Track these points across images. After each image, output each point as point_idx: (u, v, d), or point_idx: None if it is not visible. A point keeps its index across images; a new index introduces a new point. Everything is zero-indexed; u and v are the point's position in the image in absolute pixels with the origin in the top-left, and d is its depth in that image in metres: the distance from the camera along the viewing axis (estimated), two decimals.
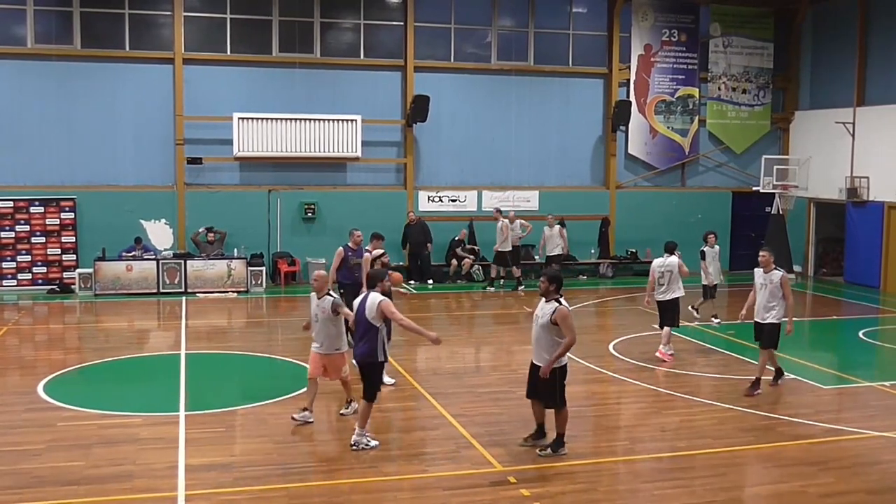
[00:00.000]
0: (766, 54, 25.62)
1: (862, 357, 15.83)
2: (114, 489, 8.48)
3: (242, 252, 21.57)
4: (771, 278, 12.31)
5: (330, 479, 8.84)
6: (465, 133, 23.68)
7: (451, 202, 23.59)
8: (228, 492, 8.47)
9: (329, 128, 22.16)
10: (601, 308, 20.12)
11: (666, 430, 10.69)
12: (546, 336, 9.36)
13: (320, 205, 22.52)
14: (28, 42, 20.99)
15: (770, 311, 12.29)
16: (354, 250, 14.45)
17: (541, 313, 9.46)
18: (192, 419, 10.74)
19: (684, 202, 25.23)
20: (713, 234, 17.70)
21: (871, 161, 23.01)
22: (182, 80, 21.59)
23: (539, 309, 9.55)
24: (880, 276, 22.68)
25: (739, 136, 25.73)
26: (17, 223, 20.85)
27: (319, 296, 10.56)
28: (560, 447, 9.55)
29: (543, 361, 9.36)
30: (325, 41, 22.78)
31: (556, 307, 9.31)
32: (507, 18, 24.14)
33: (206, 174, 21.96)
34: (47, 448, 9.62)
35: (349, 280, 14.32)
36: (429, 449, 9.86)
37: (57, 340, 16.49)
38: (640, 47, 24.64)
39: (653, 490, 8.70)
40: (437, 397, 11.84)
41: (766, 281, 12.38)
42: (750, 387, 12.21)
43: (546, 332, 9.36)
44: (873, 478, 9.11)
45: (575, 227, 24.09)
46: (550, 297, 9.43)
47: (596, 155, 24.86)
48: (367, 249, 14.32)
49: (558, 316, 9.25)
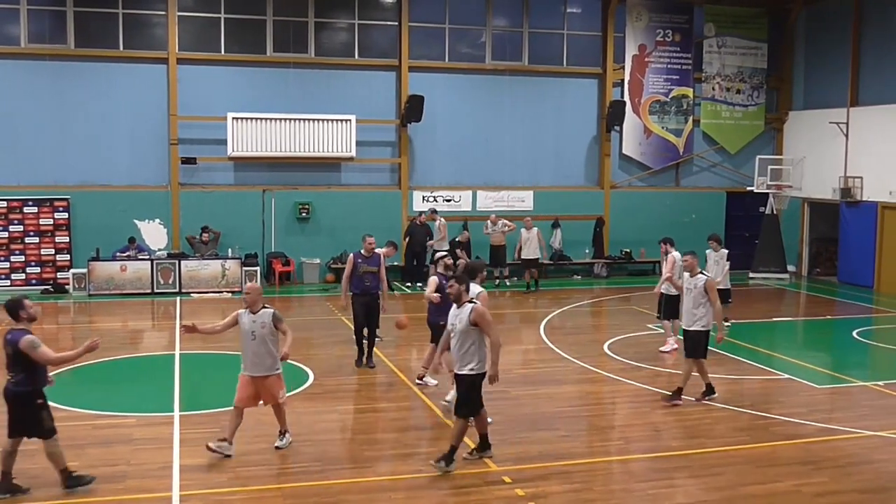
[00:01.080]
0: (759, 54, 25.68)
1: (856, 357, 15.88)
2: (108, 489, 8.47)
3: (237, 252, 21.55)
4: (696, 283, 11.64)
5: (324, 479, 8.84)
6: (459, 133, 23.68)
7: (445, 202, 23.59)
8: (222, 492, 8.46)
9: (323, 128, 22.14)
10: (595, 308, 20.14)
11: (660, 430, 10.70)
12: (469, 341, 8.91)
13: (315, 205, 22.51)
14: (21, 42, 20.93)
15: (697, 319, 11.56)
16: (367, 258, 13.31)
17: (457, 320, 8.98)
18: (187, 419, 10.73)
19: (678, 202, 25.26)
20: (712, 239, 16.89)
21: (864, 161, 23.07)
22: (176, 79, 21.55)
23: (453, 316, 9.07)
24: (874, 275, 22.73)
25: (733, 137, 25.78)
26: (10, 223, 20.80)
27: (254, 310, 9.44)
28: (451, 462, 8.97)
29: (465, 368, 8.93)
30: (320, 41, 22.75)
31: (471, 308, 8.91)
32: (502, 18, 24.14)
33: (200, 174, 21.92)
34: (41, 449, 9.57)
35: (358, 290, 13.26)
36: (424, 449, 9.85)
37: (51, 341, 16.31)
38: (635, 47, 24.67)
39: (647, 490, 8.71)
40: (432, 397, 11.83)
41: (690, 286, 11.71)
42: (671, 395, 11.64)
43: (468, 337, 8.91)
44: (867, 477, 9.14)
45: (569, 227, 24.17)
46: (463, 300, 9.02)
47: (590, 155, 24.88)
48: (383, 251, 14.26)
49: (476, 315, 8.85)
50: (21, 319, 8.25)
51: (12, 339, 8.14)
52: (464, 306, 9.00)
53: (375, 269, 13.26)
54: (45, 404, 8.31)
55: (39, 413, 8.26)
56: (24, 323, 8.27)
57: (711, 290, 11.59)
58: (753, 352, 15.14)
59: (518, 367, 13.96)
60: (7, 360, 8.23)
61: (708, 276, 11.89)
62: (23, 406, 8.22)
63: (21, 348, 8.05)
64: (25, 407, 8.22)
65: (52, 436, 8.35)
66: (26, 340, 8.06)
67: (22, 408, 8.22)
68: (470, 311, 8.91)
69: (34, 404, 8.24)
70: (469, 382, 9.01)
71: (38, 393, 8.27)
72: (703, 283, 11.59)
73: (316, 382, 12.65)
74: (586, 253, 24.76)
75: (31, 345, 8.06)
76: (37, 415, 8.24)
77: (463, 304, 9.03)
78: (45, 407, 8.30)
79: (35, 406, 8.24)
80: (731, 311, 16.98)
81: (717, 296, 11.70)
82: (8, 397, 8.26)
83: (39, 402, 8.27)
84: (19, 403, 8.21)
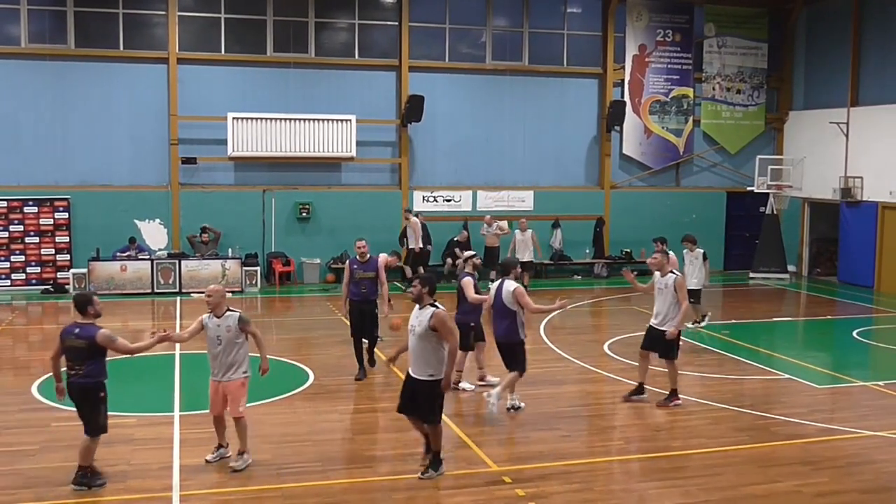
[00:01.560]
0: (760, 54, 25.68)
1: (856, 357, 15.87)
2: (108, 489, 8.48)
3: (237, 252, 21.56)
4: (666, 282, 11.57)
5: (324, 479, 8.84)
6: (459, 133, 23.68)
7: (445, 202, 23.59)
8: (223, 492, 8.47)
9: (324, 128, 22.14)
10: (596, 308, 20.13)
11: (660, 430, 10.71)
12: (426, 345, 8.75)
13: (315, 205, 22.51)
14: (22, 42, 20.93)
15: (670, 318, 11.50)
16: (362, 263, 12.91)
17: (417, 322, 8.83)
18: (187, 419, 10.73)
19: (679, 202, 25.26)
20: (686, 240, 16.42)
21: (864, 161, 23.06)
22: (176, 79, 21.55)
23: (414, 318, 8.92)
24: (874, 275, 22.72)
25: (734, 137, 25.78)
26: (10, 223, 20.80)
27: (218, 314, 9.24)
28: (439, 466, 8.94)
29: (425, 373, 8.76)
30: (320, 41, 22.76)
31: (432, 312, 8.74)
32: (502, 18, 24.14)
33: (200, 174, 21.93)
34: (41, 449, 9.61)
35: (355, 296, 12.84)
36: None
37: (51, 341, 16.26)
38: (635, 47, 24.67)
39: (647, 490, 8.71)
40: None
41: (661, 285, 11.64)
42: (665, 399, 11.62)
43: (426, 340, 8.75)
44: (867, 477, 9.13)
45: (569, 227, 24.17)
46: (425, 302, 8.89)
47: (590, 155, 24.87)
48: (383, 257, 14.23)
49: (436, 321, 8.67)
50: (88, 314, 8.50)
51: (84, 332, 8.37)
52: (426, 308, 8.83)
53: (372, 274, 12.86)
54: (105, 398, 8.54)
55: (99, 407, 8.50)
56: (90, 318, 8.50)
57: (681, 288, 11.54)
58: (754, 352, 15.14)
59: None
60: (72, 353, 8.41)
61: (678, 274, 11.80)
62: (85, 398, 8.44)
63: (99, 342, 8.32)
64: (88, 399, 8.44)
65: (99, 434, 8.56)
66: (103, 334, 8.37)
67: (84, 400, 8.45)
68: (430, 316, 8.72)
69: (97, 397, 8.47)
70: (429, 389, 8.79)
71: (102, 386, 8.52)
72: (673, 282, 11.53)
73: (316, 382, 12.66)
74: (586, 253, 24.76)
75: (109, 338, 8.38)
76: (98, 408, 8.48)
77: (425, 306, 8.88)
78: (105, 402, 8.54)
79: (98, 399, 8.48)
80: (726, 311, 16.97)
81: (685, 295, 11.66)
82: (75, 390, 8.47)
83: (102, 395, 8.52)
84: (86, 395, 8.44)
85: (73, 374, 8.45)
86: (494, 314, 11.14)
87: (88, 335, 8.34)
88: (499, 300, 11.01)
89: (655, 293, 11.82)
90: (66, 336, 8.45)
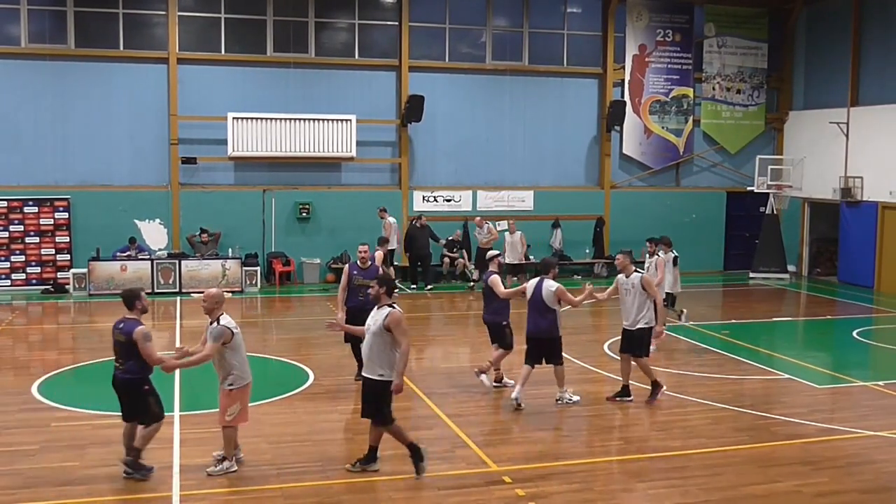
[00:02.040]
0: (760, 54, 25.68)
1: (856, 357, 15.87)
2: (108, 489, 8.48)
3: (237, 252, 21.56)
4: (632, 282, 11.60)
5: (324, 479, 8.84)
6: (459, 133, 23.68)
7: (445, 202, 23.59)
8: (223, 492, 8.47)
9: (324, 128, 22.14)
10: (596, 308, 20.11)
11: (660, 430, 10.70)
12: (379, 344, 8.70)
13: (315, 205, 22.51)
14: (22, 42, 20.93)
15: (641, 317, 11.58)
16: (363, 269, 12.25)
17: (372, 321, 8.80)
18: (187, 419, 10.73)
19: (679, 202, 25.26)
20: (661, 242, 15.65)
21: (864, 161, 23.06)
22: (176, 79, 21.55)
23: (371, 317, 8.90)
24: (874, 275, 22.72)
25: (734, 136, 25.77)
26: (10, 223, 20.80)
27: (212, 319, 8.91)
28: (420, 461, 8.83)
29: (375, 373, 8.72)
30: (320, 41, 22.75)
31: (388, 312, 8.68)
32: (502, 18, 24.14)
33: (200, 174, 21.93)
34: (41, 448, 9.60)
35: (353, 303, 12.13)
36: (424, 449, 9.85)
37: (51, 341, 16.44)
38: (635, 47, 24.67)
39: (647, 490, 8.71)
40: (432, 397, 11.84)
41: (628, 285, 11.68)
42: (651, 395, 11.72)
43: (379, 339, 8.69)
44: (867, 477, 9.13)
45: (569, 226, 24.17)
46: (382, 302, 8.84)
47: (590, 155, 24.87)
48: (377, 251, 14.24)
49: (391, 321, 8.60)
50: (135, 309, 8.67)
51: (126, 328, 8.54)
52: (383, 308, 8.79)
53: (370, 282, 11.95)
54: (151, 390, 8.69)
55: (147, 399, 8.65)
56: (136, 313, 8.66)
57: (648, 285, 11.62)
58: (754, 352, 15.14)
59: (518, 367, 13.95)
60: (117, 347, 8.63)
61: (642, 272, 11.89)
62: (131, 393, 8.63)
63: (134, 338, 8.44)
64: (133, 393, 8.62)
65: (155, 422, 8.71)
66: (140, 331, 8.48)
67: (130, 394, 8.64)
68: (386, 315, 8.66)
69: (141, 391, 8.62)
70: (380, 389, 8.71)
71: (145, 380, 8.64)
72: (639, 281, 11.60)
73: (316, 382, 12.66)
74: (586, 253, 24.75)
75: (144, 337, 8.48)
76: (144, 401, 8.63)
77: (382, 306, 8.83)
78: (151, 393, 8.69)
79: (142, 392, 8.62)
80: (726, 311, 16.95)
81: (656, 290, 11.76)
82: (117, 384, 8.67)
83: (146, 388, 8.65)
84: (128, 390, 8.63)
85: (117, 368, 8.70)
86: (532, 311, 11.42)
87: (129, 330, 8.51)
88: (538, 298, 11.31)
89: (622, 295, 11.87)
90: (113, 331, 8.73)
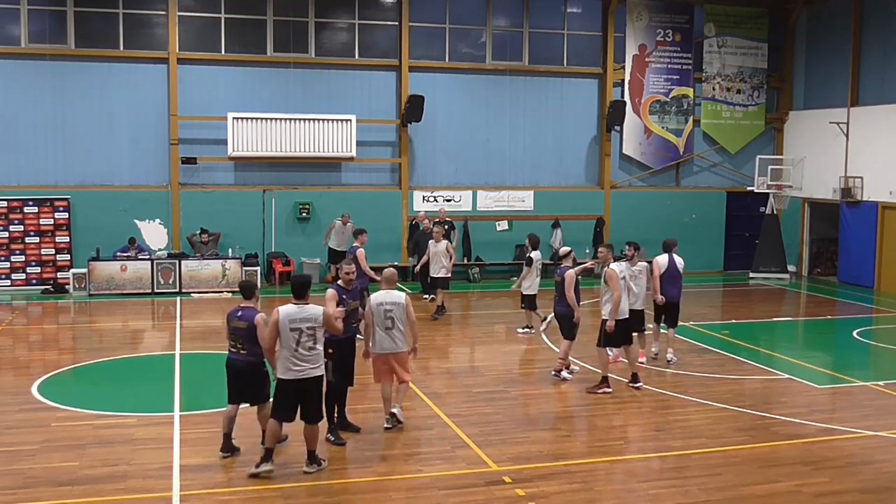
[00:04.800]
0: (760, 54, 25.68)
1: (856, 357, 15.87)
2: (108, 489, 8.47)
3: (237, 252, 21.56)
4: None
5: (324, 479, 8.84)
6: (459, 133, 23.68)
7: (445, 202, 23.58)
8: (223, 492, 8.47)
9: (324, 128, 22.14)
10: (595, 308, 20.09)
11: (661, 430, 10.70)
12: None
13: (315, 205, 22.51)
14: (22, 42, 20.93)
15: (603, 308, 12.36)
16: (347, 292, 10.18)
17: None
18: (187, 419, 10.73)
19: (679, 202, 25.26)
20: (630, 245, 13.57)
21: (864, 161, 23.06)
22: (176, 79, 21.55)
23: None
24: (874, 275, 22.72)
25: (734, 136, 25.77)
26: (10, 223, 20.80)
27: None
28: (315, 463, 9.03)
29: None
30: (320, 41, 22.75)
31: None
32: (502, 18, 24.13)
33: (200, 174, 21.92)
34: (41, 448, 9.60)
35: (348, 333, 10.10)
36: (424, 449, 9.86)
37: (51, 341, 16.44)
38: (635, 47, 24.67)
39: (647, 490, 8.71)
40: (432, 397, 11.84)
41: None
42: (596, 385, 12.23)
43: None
44: (867, 477, 9.14)
45: (569, 227, 24.17)
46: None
47: (590, 155, 24.87)
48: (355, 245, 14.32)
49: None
50: (252, 298, 9.31)
51: (245, 315, 9.12)
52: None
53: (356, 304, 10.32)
54: (266, 372, 9.24)
55: (264, 380, 9.24)
56: (253, 302, 9.29)
57: (611, 279, 12.05)
58: (754, 352, 15.15)
59: (518, 367, 13.97)
60: (236, 333, 9.14)
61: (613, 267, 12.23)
62: (251, 374, 9.20)
63: (255, 323, 9.00)
64: (253, 375, 9.21)
65: (264, 402, 9.26)
66: (260, 318, 9.05)
67: (250, 376, 9.20)
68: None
69: (261, 372, 9.23)
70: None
71: (263, 363, 9.21)
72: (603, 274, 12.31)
73: None
74: (587, 253, 24.72)
75: (263, 323, 8.99)
76: (261, 381, 9.24)
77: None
78: (267, 375, 9.23)
79: (262, 374, 9.23)
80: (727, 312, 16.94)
81: (617, 286, 12.02)
82: (237, 367, 9.24)
83: (265, 370, 9.24)
84: (248, 372, 9.20)
85: (234, 352, 9.24)
86: (668, 280, 13.67)
87: (249, 317, 9.05)
88: (674, 270, 13.73)
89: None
90: (230, 318, 9.24)
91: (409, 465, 9.30)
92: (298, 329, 8.61)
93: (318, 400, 8.94)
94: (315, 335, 8.70)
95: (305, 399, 8.78)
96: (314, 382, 8.79)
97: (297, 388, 8.70)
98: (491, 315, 19.09)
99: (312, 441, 8.97)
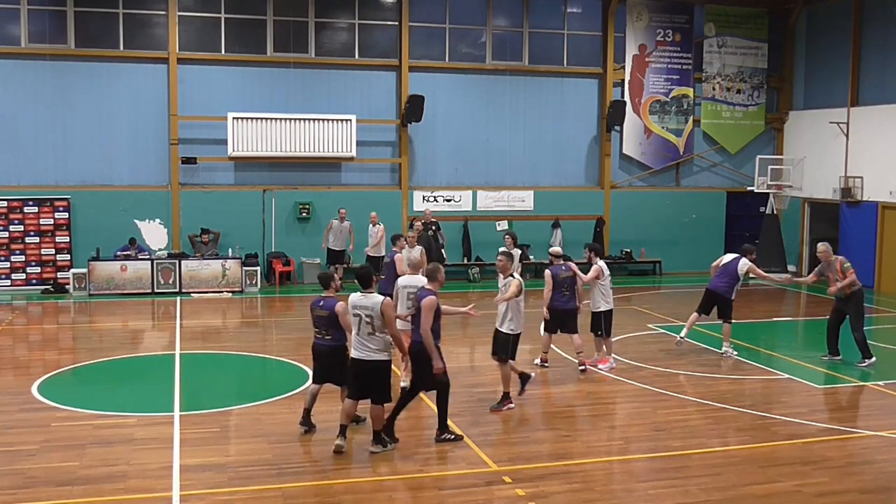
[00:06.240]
0: (760, 54, 25.69)
1: (856, 357, 15.82)
2: (108, 489, 8.46)
3: (237, 252, 21.56)
4: (507, 284, 11.47)
5: (325, 479, 8.84)
6: (459, 133, 23.69)
7: (445, 202, 23.59)
8: (223, 492, 8.46)
9: (324, 128, 22.14)
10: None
11: (660, 430, 10.69)
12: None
13: (315, 205, 22.51)
14: (22, 41, 20.93)
15: (508, 320, 11.60)
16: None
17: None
18: (187, 419, 10.72)
19: (679, 202, 25.27)
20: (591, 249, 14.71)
21: (865, 161, 23.06)
22: (176, 79, 21.55)
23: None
24: (874, 276, 22.71)
25: (734, 136, 25.78)
26: (10, 223, 20.80)
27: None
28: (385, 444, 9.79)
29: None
30: (320, 41, 22.76)
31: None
32: (502, 18, 24.14)
33: (200, 174, 21.93)
34: (41, 448, 9.60)
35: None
36: (424, 449, 9.85)
37: (51, 340, 16.44)
38: (635, 47, 24.67)
39: (647, 489, 8.71)
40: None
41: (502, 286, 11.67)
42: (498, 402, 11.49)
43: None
44: (867, 477, 9.13)
45: (569, 226, 24.16)
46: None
47: (590, 155, 24.88)
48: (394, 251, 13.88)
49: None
50: (331, 289, 10.13)
51: (327, 304, 9.98)
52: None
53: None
54: (349, 357, 9.77)
55: (345, 363, 9.86)
56: (331, 292, 10.12)
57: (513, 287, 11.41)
58: (754, 352, 15.14)
59: (518, 366, 13.93)
60: (319, 321, 10.00)
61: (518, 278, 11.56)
62: (335, 358, 10.02)
63: (336, 311, 9.82)
64: (337, 358, 10.00)
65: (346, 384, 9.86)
66: (341, 306, 9.85)
67: (334, 359, 10.03)
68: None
69: (345, 356, 9.92)
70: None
71: (346, 347, 9.95)
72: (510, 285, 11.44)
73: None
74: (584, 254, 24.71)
75: (344, 310, 9.76)
76: (344, 364, 9.86)
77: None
78: (348, 358, 9.80)
79: (345, 357, 9.90)
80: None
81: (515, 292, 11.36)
82: (323, 351, 10.11)
83: (347, 353, 9.87)
84: (333, 356, 10.04)
85: (319, 338, 10.10)
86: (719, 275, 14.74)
87: (330, 306, 9.92)
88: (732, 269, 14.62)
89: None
90: (313, 307, 10.11)
91: (409, 464, 9.29)
92: (358, 315, 9.43)
93: (379, 383, 9.49)
94: (372, 323, 9.32)
95: (367, 380, 9.47)
96: (373, 365, 9.41)
97: (361, 369, 9.45)
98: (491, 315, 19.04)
99: (377, 421, 9.55)
